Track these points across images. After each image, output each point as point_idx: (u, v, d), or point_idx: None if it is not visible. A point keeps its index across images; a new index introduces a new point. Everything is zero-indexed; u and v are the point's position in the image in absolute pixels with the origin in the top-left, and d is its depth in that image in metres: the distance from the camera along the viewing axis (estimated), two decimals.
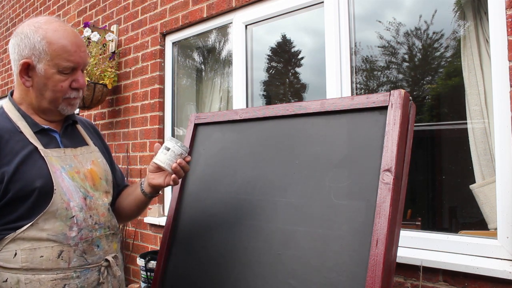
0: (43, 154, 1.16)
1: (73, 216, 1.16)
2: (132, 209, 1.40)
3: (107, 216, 1.28)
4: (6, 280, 1.10)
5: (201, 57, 3.30)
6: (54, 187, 1.13)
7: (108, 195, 1.32)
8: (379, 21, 2.25)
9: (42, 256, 1.11)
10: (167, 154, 1.22)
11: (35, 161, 1.14)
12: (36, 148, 1.16)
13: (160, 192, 1.39)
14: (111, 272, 1.25)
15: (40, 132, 1.21)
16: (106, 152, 1.44)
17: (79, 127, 1.38)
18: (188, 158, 1.25)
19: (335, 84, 2.07)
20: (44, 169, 1.14)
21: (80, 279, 1.16)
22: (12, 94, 1.27)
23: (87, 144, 1.35)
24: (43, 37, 1.15)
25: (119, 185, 1.46)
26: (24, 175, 1.11)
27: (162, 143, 3.04)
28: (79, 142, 1.33)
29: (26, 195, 1.11)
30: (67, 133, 1.31)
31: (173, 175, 1.22)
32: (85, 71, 1.29)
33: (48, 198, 1.12)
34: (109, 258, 1.24)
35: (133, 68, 3.28)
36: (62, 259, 1.14)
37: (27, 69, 1.18)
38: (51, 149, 1.20)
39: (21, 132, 1.17)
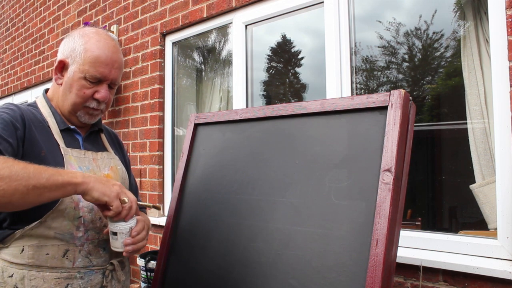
0: (63, 152, 1.18)
1: (81, 217, 1.17)
2: None
3: None
4: (12, 275, 1.11)
5: (201, 57, 3.30)
6: None
7: None
8: (379, 21, 2.25)
9: (47, 254, 1.12)
10: (117, 239, 1.13)
11: (55, 157, 1.16)
12: (58, 144, 1.19)
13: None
14: (115, 276, 1.24)
15: (65, 130, 1.25)
16: (125, 164, 1.45)
17: (103, 136, 1.41)
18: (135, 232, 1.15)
19: (335, 84, 2.07)
20: (61, 166, 1.16)
21: (83, 280, 1.16)
22: (46, 91, 1.33)
23: (107, 151, 1.37)
24: (84, 43, 1.22)
25: None
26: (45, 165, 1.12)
27: (162, 143, 3.04)
28: (100, 148, 1.36)
29: None
30: (91, 138, 1.34)
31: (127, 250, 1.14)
32: (115, 89, 1.35)
33: None
34: (114, 262, 1.24)
35: (133, 68, 3.28)
36: (67, 258, 1.14)
37: (62, 67, 1.24)
38: (72, 149, 1.23)
39: (48, 127, 1.21)
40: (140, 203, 1.20)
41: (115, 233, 1.13)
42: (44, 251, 1.12)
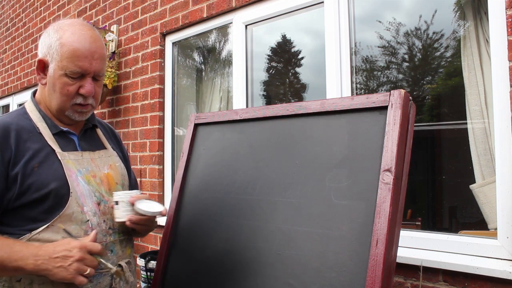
0: (59, 157, 1.16)
1: (88, 220, 1.16)
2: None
3: None
4: (20, 280, 1.10)
5: (201, 57, 3.30)
6: (71, 191, 1.13)
7: None
8: (379, 21, 2.25)
9: None
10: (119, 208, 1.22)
11: (52, 163, 1.14)
12: (53, 150, 1.16)
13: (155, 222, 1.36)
14: (123, 277, 1.24)
15: (58, 134, 1.21)
16: (123, 157, 1.43)
17: (99, 131, 1.37)
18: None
19: (335, 84, 2.07)
20: (60, 171, 1.14)
21: (92, 283, 1.15)
22: (35, 94, 1.27)
23: (105, 148, 1.34)
24: (59, 38, 1.15)
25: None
26: (40, 176, 1.11)
27: (162, 143, 3.05)
28: (97, 145, 1.32)
29: (42, 197, 1.10)
30: (86, 136, 1.31)
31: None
32: (102, 81, 1.28)
33: (64, 201, 1.12)
34: (122, 263, 1.24)
35: (133, 68, 3.28)
36: None
37: (43, 67, 1.19)
38: (69, 152, 1.19)
39: (40, 133, 1.17)
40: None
41: (116, 202, 1.20)
42: None
